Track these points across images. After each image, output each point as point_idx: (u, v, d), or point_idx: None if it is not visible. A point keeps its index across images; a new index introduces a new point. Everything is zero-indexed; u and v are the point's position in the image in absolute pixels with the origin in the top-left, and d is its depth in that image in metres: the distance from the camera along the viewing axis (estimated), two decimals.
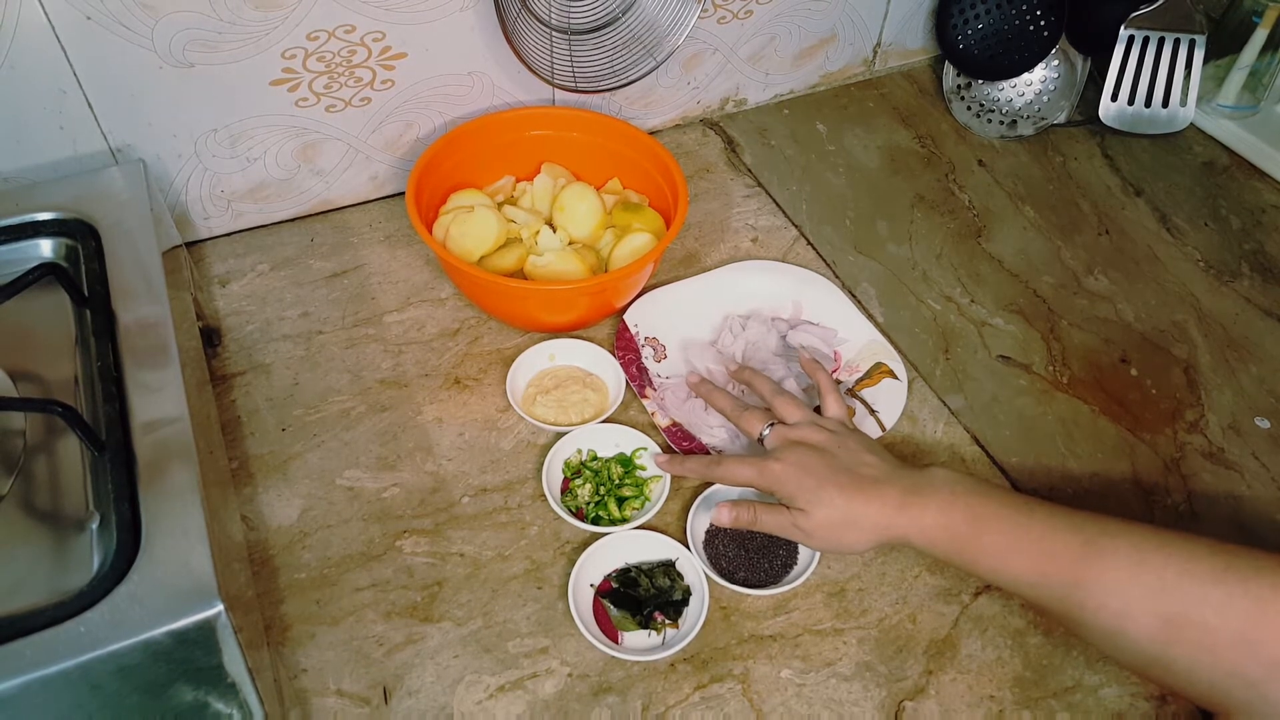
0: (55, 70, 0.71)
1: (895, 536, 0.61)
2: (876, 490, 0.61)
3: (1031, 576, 0.56)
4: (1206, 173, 1.00)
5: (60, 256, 0.65)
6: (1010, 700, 0.61)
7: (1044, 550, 0.56)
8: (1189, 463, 0.75)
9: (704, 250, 0.90)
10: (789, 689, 0.61)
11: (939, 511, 0.59)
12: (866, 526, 0.61)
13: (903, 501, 0.60)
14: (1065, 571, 0.55)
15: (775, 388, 0.71)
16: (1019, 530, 0.57)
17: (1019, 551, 0.57)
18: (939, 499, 0.60)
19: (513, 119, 0.86)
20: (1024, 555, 0.57)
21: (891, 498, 0.60)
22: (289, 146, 0.84)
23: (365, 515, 0.69)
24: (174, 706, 0.49)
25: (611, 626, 0.63)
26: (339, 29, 0.78)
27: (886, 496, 0.61)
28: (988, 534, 0.58)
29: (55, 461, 0.55)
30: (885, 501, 0.60)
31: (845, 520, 0.61)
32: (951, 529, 0.59)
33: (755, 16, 0.97)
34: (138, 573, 0.48)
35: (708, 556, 0.67)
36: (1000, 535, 0.57)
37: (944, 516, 0.59)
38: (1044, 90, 1.03)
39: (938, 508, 0.59)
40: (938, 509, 0.59)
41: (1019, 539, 0.57)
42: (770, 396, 0.70)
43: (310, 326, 0.81)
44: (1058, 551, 0.56)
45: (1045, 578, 0.56)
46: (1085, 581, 0.54)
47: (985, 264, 0.90)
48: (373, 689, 0.60)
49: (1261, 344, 0.84)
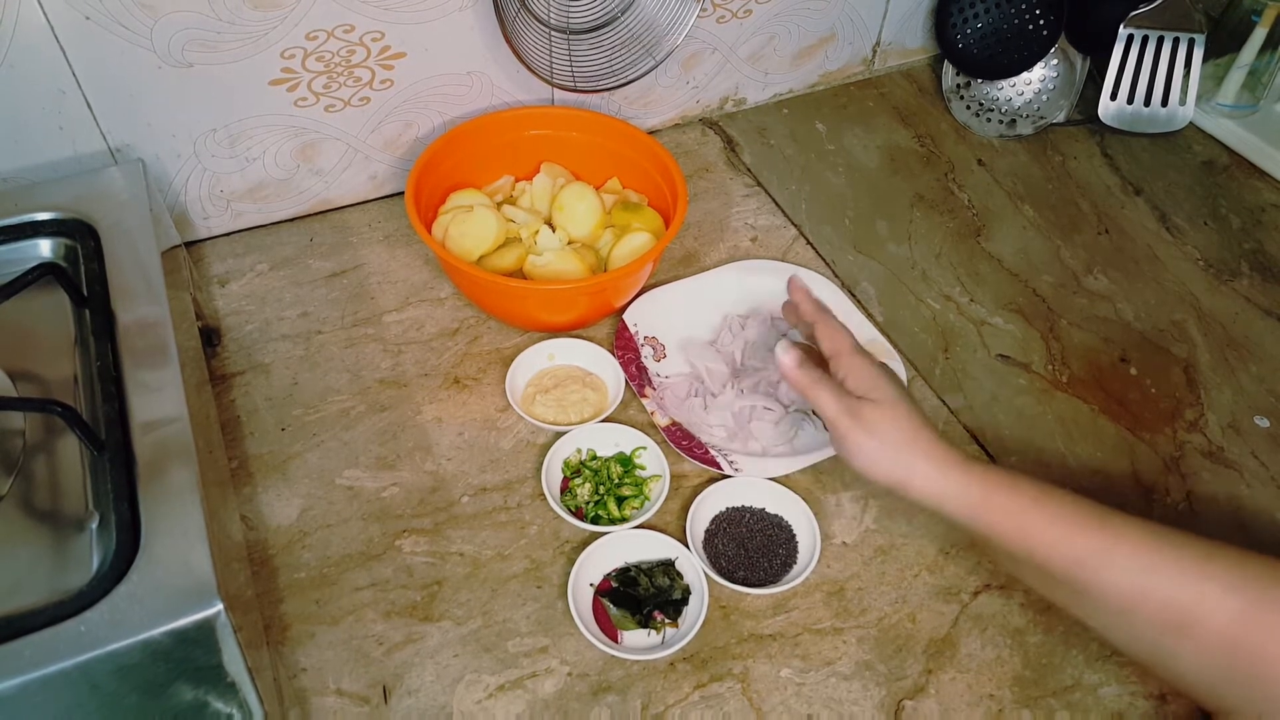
0: (54, 70, 0.71)
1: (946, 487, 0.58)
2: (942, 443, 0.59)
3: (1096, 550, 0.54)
4: (1206, 172, 1.00)
5: (59, 256, 0.65)
6: (1010, 699, 0.61)
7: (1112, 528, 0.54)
8: (1188, 462, 0.75)
9: (703, 250, 0.90)
10: (788, 688, 0.61)
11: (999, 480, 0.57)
12: (911, 466, 0.58)
13: (967, 460, 0.58)
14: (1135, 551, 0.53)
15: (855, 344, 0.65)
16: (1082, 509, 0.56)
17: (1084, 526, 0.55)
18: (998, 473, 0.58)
19: (512, 119, 0.86)
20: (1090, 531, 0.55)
21: (955, 457, 0.58)
22: (288, 146, 0.84)
23: (365, 515, 0.69)
24: (173, 706, 0.49)
25: (611, 626, 0.63)
26: (338, 29, 0.78)
27: (951, 450, 0.59)
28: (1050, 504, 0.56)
29: (55, 461, 0.55)
30: (950, 452, 0.58)
31: (898, 443, 0.58)
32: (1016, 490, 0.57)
33: (754, 16, 0.97)
34: (137, 572, 0.48)
35: (707, 556, 0.67)
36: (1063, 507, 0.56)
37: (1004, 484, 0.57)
38: (1043, 89, 1.03)
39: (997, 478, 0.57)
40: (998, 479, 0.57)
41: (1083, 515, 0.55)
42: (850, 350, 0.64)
43: (309, 326, 0.81)
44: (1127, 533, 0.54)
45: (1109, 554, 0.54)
46: (1155, 565, 0.53)
47: (985, 263, 0.90)
48: (372, 688, 0.60)
49: (1261, 343, 0.84)
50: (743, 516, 0.69)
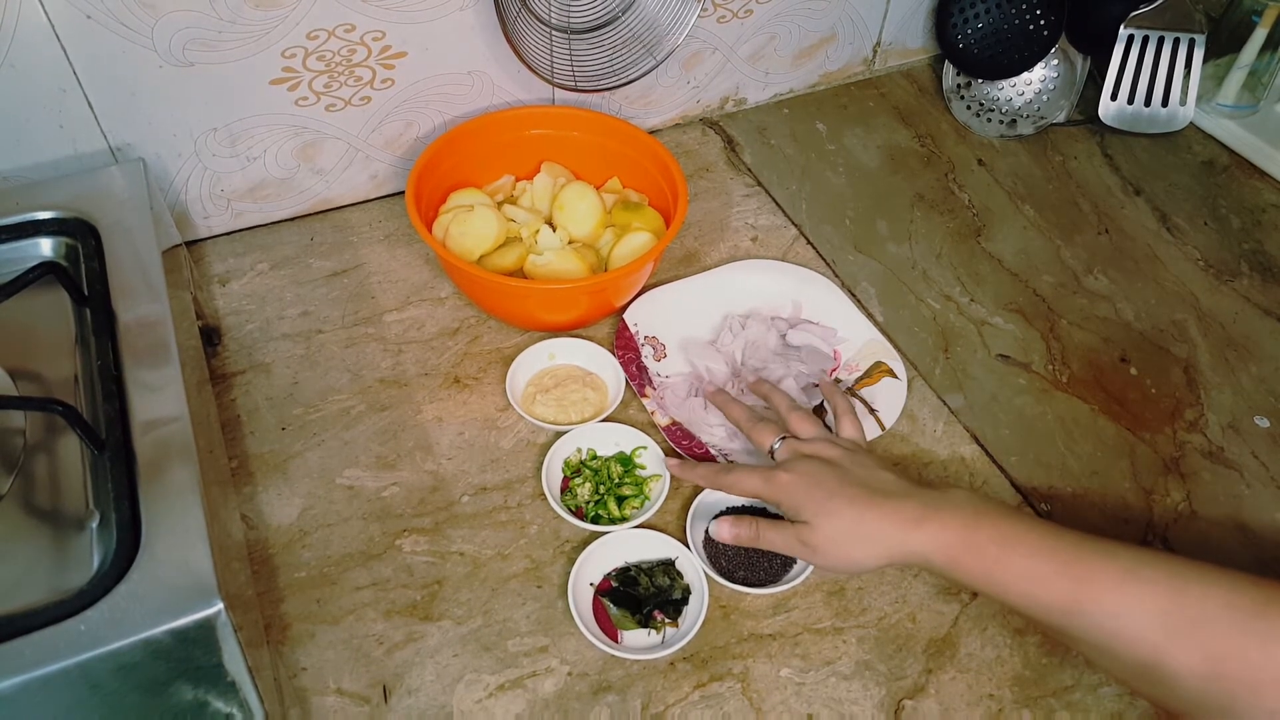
0: (55, 69, 0.71)
1: (911, 554, 0.57)
2: (891, 504, 0.58)
3: (1064, 603, 0.53)
4: (1206, 172, 1.01)
5: (60, 255, 0.65)
6: (1010, 699, 0.61)
7: (1077, 576, 0.53)
8: (1188, 462, 0.75)
9: (704, 249, 0.90)
10: (788, 688, 0.62)
11: (963, 529, 0.56)
12: (878, 540, 0.58)
13: (921, 516, 0.57)
14: (1101, 599, 0.52)
15: (791, 403, 0.69)
16: (1049, 554, 0.54)
17: (1051, 576, 0.53)
18: (961, 517, 0.57)
19: (512, 118, 0.86)
20: (1057, 581, 0.53)
21: (908, 511, 0.57)
22: (289, 145, 0.84)
23: (365, 514, 0.69)
24: (174, 705, 0.49)
25: (611, 625, 0.63)
26: (339, 28, 0.78)
27: (903, 510, 0.58)
28: (1017, 556, 0.54)
29: (55, 460, 0.55)
30: (902, 516, 0.57)
31: (854, 534, 0.58)
32: (978, 549, 0.55)
33: (755, 16, 0.97)
34: (137, 571, 0.48)
35: (707, 555, 0.67)
36: (1030, 559, 0.54)
37: (969, 535, 0.56)
38: (1044, 89, 1.03)
39: (961, 525, 0.56)
40: (961, 526, 0.56)
41: (1050, 562, 0.54)
42: (785, 412, 0.68)
43: (310, 325, 0.81)
44: (1093, 578, 0.52)
45: (1079, 604, 0.52)
46: (1122, 611, 0.51)
47: (985, 263, 0.90)
48: (372, 688, 0.60)
49: (1261, 343, 0.84)
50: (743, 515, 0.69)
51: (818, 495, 0.60)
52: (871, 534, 0.58)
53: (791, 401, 0.70)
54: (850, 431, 0.67)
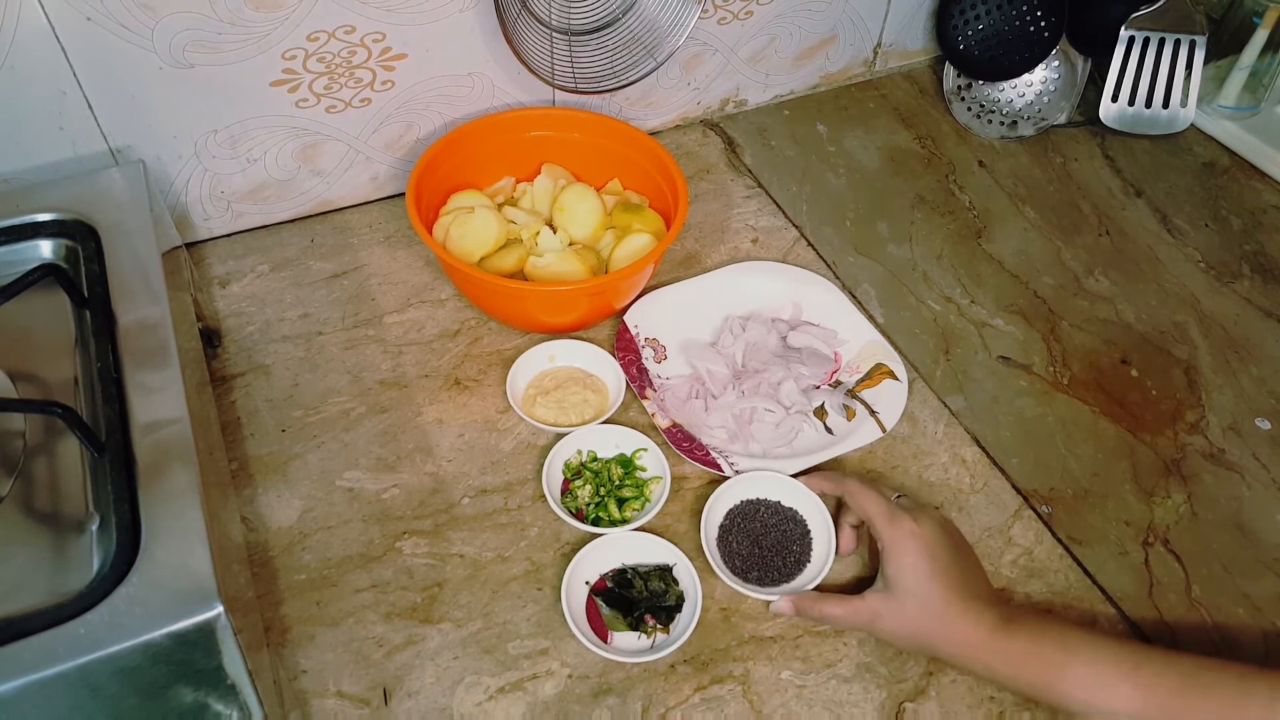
0: (55, 71, 0.71)
1: (973, 661, 0.58)
2: (976, 610, 0.58)
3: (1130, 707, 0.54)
4: (1207, 173, 1.00)
5: (60, 257, 0.65)
6: (1010, 701, 0.61)
7: (1141, 681, 0.54)
8: (1189, 464, 0.75)
9: (704, 251, 0.90)
10: (789, 690, 0.61)
11: (1030, 639, 0.57)
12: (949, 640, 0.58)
13: (995, 628, 0.57)
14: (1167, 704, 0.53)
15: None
16: (1114, 659, 0.55)
17: (1116, 681, 0.54)
18: (1029, 626, 0.58)
19: (513, 120, 0.86)
20: (1122, 685, 0.54)
21: (986, 621, 0.58)
22: (289, 147, 0.84)
23: (365, 516, 0.69)
24: (174, 708, 0.49)
25: (602, 625, 0.63)
26: (339, 30, 0.78)
27: (983, 618, 0.58)
28: (1080, 663, 0.55)
29: (55, 463, 0.55)
30: (980, 624, 0.58)
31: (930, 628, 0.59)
32: (1044, 656, 0.56)
33: (755, 17, 0.97)
34: (137, 574, 0.48)
35: (721, 555, 0.66)
36: (1092, 665, 0.55)
37: (1035, 644, 0.57)
38: (1044, 91, 1.03)
39: (1029, 635, 0.57)
40: (1028, 636, 0.57)
41: (1115, 668, 0.55)
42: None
43: (310, 327, 0.81)
44: (1156, 683, 0.53)
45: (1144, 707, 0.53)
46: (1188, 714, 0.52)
47: (985, 265, 0.90)
48: (373, 690, 0.60)
49: (1262, 345, 0.84)
50: (757, 510, 0.69)
51: (923, 568, 0.60)
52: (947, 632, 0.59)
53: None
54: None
